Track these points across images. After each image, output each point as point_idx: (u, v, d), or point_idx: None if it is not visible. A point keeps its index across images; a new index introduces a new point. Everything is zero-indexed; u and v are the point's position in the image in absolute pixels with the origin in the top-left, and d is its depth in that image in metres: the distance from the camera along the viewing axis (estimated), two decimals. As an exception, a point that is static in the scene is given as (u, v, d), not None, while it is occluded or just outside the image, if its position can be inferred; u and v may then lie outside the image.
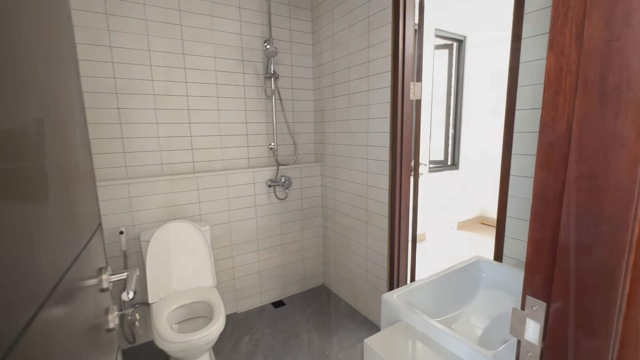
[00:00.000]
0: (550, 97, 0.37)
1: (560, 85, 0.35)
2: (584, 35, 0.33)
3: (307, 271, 2.57)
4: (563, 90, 0.35)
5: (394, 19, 1.67)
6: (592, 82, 0.32)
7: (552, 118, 0.36)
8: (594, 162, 0.33)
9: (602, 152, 0.32)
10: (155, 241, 1.67)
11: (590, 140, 0.33)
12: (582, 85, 0.33)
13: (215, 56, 2.01)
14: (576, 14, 0.33)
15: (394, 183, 1.81)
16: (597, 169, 0.33)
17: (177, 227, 1.74)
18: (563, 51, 0.35)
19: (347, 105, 2.10)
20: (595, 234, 0.33)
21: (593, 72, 0.32)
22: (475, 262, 1.16)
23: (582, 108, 0.33)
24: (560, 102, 0.36)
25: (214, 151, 2.08)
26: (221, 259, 2.14)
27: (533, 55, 1.13)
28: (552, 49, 0.36)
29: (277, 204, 2.33)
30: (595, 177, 0.33)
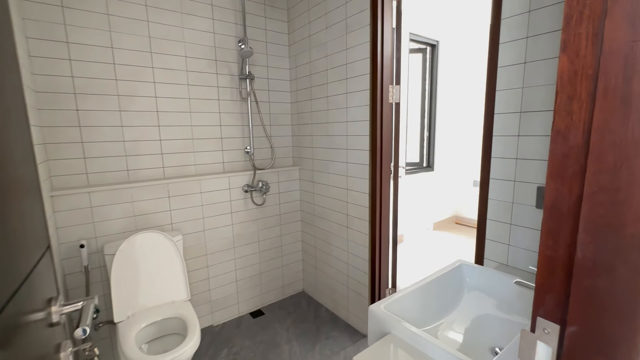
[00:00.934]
0: (564, 103, 0.34)
1: (574, 90, 0.32)
2: (603, 35, 0.30)
3: (287, 278, 2.50)
4: (578, 95, 0.32)
5: (372, 21, 1.66)
6: (613, 87, 0.30)
7: (566, 125, 0.33)
8: (615, 175, 0.30)
9: (625, 163, 0.29)
10: (121, 254, 1.54)
11: (611, 150, 0.30)
12: (601, 90, 0.30)
13: (187, 55, 1.90)
14: (594, 12, 0.30)
15: (374, 187, 1.79)
16: (620, 182, 0.30)
17: (145, 237, 1.61)
18: (578, 53, 0.32)
19: (326, 107, 2.06)
20: (618, 252, 0.30)
21: (615, 76, 0.29)
22: (458, 267, 1.16)
23: (602, 115, 0.30)
24: (575, 108, 0.33)
25: (186, 155, 1.96)
26: (195, 270, 2.02)
27: (510, 60, 1.14)
28: (566, 51, 0.33)
29: (255, 209, 2.25)
30: (618, 190, 0.30)
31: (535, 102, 1.09)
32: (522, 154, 1.14)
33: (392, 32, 1.71)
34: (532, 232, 1.15)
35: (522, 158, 1.15)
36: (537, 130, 1.10)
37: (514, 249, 1.21)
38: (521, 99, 1.13)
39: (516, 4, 1.11)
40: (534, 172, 1.12)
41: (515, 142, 1.16)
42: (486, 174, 1.27)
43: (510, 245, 1.22)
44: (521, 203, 1.17)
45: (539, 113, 1.09)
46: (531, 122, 1.11)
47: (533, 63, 1.08)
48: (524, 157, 1.14)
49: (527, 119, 1.12)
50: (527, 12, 1.08)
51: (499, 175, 1.22)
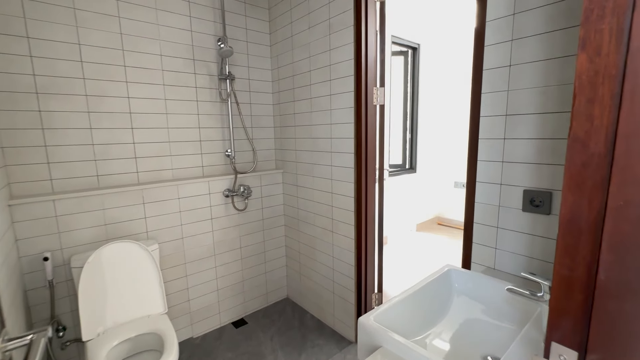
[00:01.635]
0: (583, 106, 0.30)
1: (595, 92, 0.29)
2: (631, 31, 0.27)
3: (270, 284, 2.42)
4: (600, 98, 0.29)
5: (356, 21, 1.63)
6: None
7: (585, 131, 0.30)
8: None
9: (657, 175, 0.26)
10: (90, 267, 1.42)
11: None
12: (628, 92, 0.27)
13: (162, 54, 1.80)
14: (618, 5, 0.27)
15: (359, 190, 1.76)
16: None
17: (117, 248, 1.50)
18: (600, 51, 0.29)
19: (309, 109, 2.01)
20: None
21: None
22: (447, 272, 1.14)
23: (630, 121, 0.27)
24: (596, 112, 0.29)
25: (163, 159, 1.86)
26: (173, 280, 1.91)
27: (495, 63, 1.13)
28: (585, 48, 0.30)
29: (236, 215, 2.16)
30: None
31: (520, 105, 1.09)
32: (508, 157, 1.14)
33: (376, 34, 1.68)
34: (519, 236, 1.14)
35: (508, 161, 1.14)
36: (523, 133, 1.09)
37: (500, 253, 1.20)
38: (507, 102, 1.12)
39: (501, 7, 1.10)
40: (520, 175, 1.12)
41: (501, 145, 1.15)
42: (472, 177, 1.26)
43: (497, 249, 1.21)
44: (508, 206, 1.16)
45: (525, 116, 1.08)
46: (517, 125, 1.11)
47: (518, 66, 1.08)
48: (510, 160, 1.14)
49: (512, 122, 1.12)
50: (512, 15, 1.08)
51: (485, 178, 1.21)
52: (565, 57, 0.98)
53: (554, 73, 1.00)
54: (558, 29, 0.99)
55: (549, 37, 1.01)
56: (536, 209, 1.08)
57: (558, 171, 1.02)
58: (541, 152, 1.06)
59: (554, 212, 1.05)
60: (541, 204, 1.07)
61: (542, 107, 1.04)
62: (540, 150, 1.06)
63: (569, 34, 0.96)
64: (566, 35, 0.97)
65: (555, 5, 0.99)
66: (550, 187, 1.05)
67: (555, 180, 1.03)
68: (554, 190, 1.04)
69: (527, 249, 1.13)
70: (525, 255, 1.14)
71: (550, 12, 1.00)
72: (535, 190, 1.08)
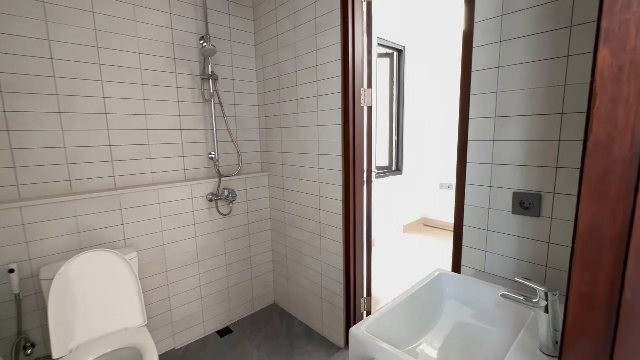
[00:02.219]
0: (604, 106, 0.27)
1: (619, 91, 0.26)
2: (663, 21, 0.24)
3: (257, 290, 2.35)
4: (625, 97, 0.26)
5: (343, 21, 1.60)
6: (676, 87, 0.23)
7: (607, 134, 0.27)
8: (679, 197, 0.24)
9: (694, 183, 0.23)
10: (61, 278, 1.32)
11: (673, 166, 0.24)
12: (660, 91, 0.24)
13: (140, 52, 1.72)
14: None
15: (347, 193, 1.73)
16: (686, 206, 0.23)
17: (91, 257, 1.41)
18: (625, 44, 0.26)
19: (295, 111, 1.96)
20: (684, 295, 0.24)
21: (680, 73, 0.23)
22: (438, 276, 1.11)
23: (661, 122, 0.24)
24: (620, 112, 0.26)
25: (142, 162, 1.77)
26: (153, 289, 1.82)
27: (484, 64, 1.12)
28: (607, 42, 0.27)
29: (220, 219, 2.09)
30: (683, 217, 0.24)
31: (509, 107, 1.08)
32: (498, 159, 1.13)
33: (362, 34, 1.66)
34: (509, 238, 1.13)
35: (498, 163, 1.13)
36: (512, 135, 1.09)
37: (490, 255, 1.19)
38: (495, 103, 1.11)
39: (489, 8, 1.09)
40: (509, 178, 1.11)
41: (490, 147, 1.14)
42: (462, 179, 1.24)
43: (487, 252, 1.20)
44: (497, 209, 1.15)
45: (514, 118, 1.08)
46: (506, 127, 1.10)
47: (507, 67, 1.07)
48: (499, 162, 1.13)
49: (501, 124, 1.11)
50: (500, 16, 1.07)
51: (475, 180, 1.20)
52: (554, 59, 0.97)
53: (542, 75, 1.00)
54: (546, 30, 0.98)
55: (537, 39, 1.00)
56: (526, 211, 1.08)
57: (547, 173, 1.02)
58: (530, 154, 1.05)
59: (543, 215, 1.04)
60: (530, 206, 1.06)
61: (531, 109, 1.04)
62: (529, 152, 1.05)
63: (557, 36, 0.96)
64: (554, 37, 0.97)
65: (543, 7, 0.98)
66: (540, 189, 1.04)
67: (545, 183, 1.03)
68: (543, 192, 1.03)
69: (517, 251, 1.12)
70: (515, 258, 1.13)
71: (538, 14, 1.00)
72: (525, 193, 1.07)
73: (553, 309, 0.69)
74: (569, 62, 0.95)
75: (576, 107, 0.95)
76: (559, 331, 0.71)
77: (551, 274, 1.05)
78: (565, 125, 0.97)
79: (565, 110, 0.97)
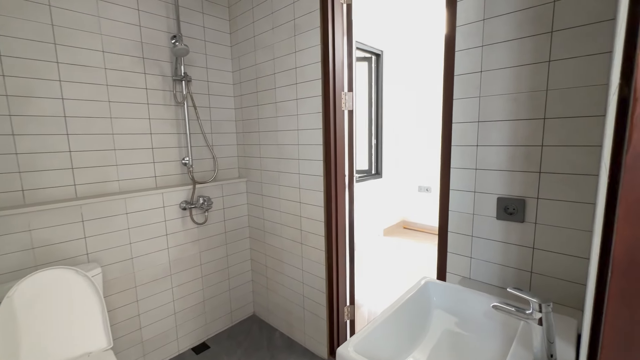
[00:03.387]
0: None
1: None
2: None
3: (235, 302, 2.24)
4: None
5: (323, 23, 1.55)
6: None
7: (652, 146, 0.23)
8: None
9: None
10: (12, 301, 1.17)
11: None
12: None
13: (105, 50, 1.59)
14: None
15: (329, 199, 1.67)
16: None
17: (47, 276, 1.26)
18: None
19: (274, 114, 1.89)
20: None
21: None
22: (425, 286, 1.08)
23: None
24: (667, 121, 0.22)
25: (107, 170, 1.63)
26: (121, 307, 1.68)
27: (466, 69, 1.11)
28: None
29: (195, 229, 1.97)
30: None
31: (492, 112, 1.07)
32: (482, 164, 1.12)
33: (343, 36, 1.62)
34: (494, 244, 1.12)
35: (482, 168, 1.12)
36: (496, 140, 1.08)
37: (476, 262, 1.18)
38: (479, 108, 1.10)
39: (471, 12, 1.08)
40: (493, 183, 1.10)
41: (474, 152, 1.13)
42: (446, 185, 1.22)
43: (473, 258, 1.18)
44: (482, 214, 1.14)
45: (497, 123, 1.07)
46: (490, 132, 1.09)
47: (489, 72, 1.07)
48: (483, 168, 1.12)
49: (485, 129, 1.10)
50: (482, 21, 1.06)
51: (459, 186, 1.19)
52: (535, 65, 0.97)
53: (524, 80, 1.00)
54: (527, 35, 0.98)
55: (518, 44, 1.00)
56: (510, 217, 1.07)
57: (531, 178, 1.01)
58: (514, 159, 1.04)
59: (527, 220, 1.03)
60: (515, 211, 1.05)
61: (514, 114, 1.03)
62: (513, 157, 1.05)
63: (538, 41, 0.96)
64: (535, 42, 0.97)
65: (524, 12, 0.98)
66: (524, 194, 1.03)
67: (529, 188, 1.02)
68: (527, 198, 1.03)
69: (502, 257, 1.11)
70: (500, 264, 1.12)
71: (518, 19, 0.99)
72: (509, 198, 1.06)
73: (547, 321, 0.67)
74: (550, 67, 0.95)
75: (558, 112, 0.95)
76: (553, 343, 0.68)
77: (537, 280, 1.04)
78: (548, 130, 0.97)
79: (548, 116, 0.97)
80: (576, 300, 0.98)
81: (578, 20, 0.89)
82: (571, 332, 0.82)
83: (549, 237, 1.00)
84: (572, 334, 0.81)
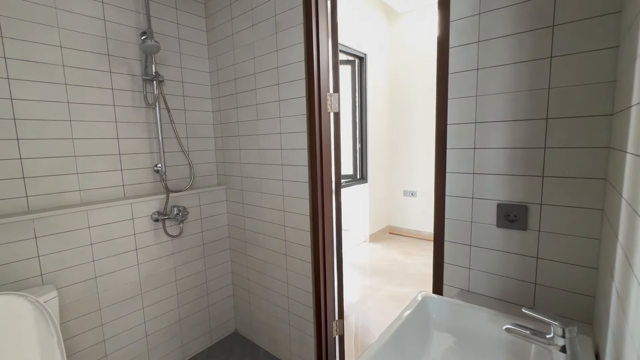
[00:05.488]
0: None
1: None
2: None
3: (215, 319, 2.08)
4: None
5: (306, 19, 1.46)
6: None
7: None
8: None
9: None
10: (-60, 338, 0.99)
11: None
12: None
13: (63, 45, 1.42)
14: None
15: (315, 208, 1.56)
16: None
17: (-12, 305, 1.08)
18: None
19: (255, 117, 1.77)
20: None
21: None
22: (422, 302, 0.98)
23: None
24: None
25: (66, 179, 1.46)
26: (83, 333, 1.49)
27: (461, 66, 1.04)
28: None
29: (169, 242, 1.81)
30: None
31: (490, 112, 1.00)
32: (480, 168, 1.04)
33: (327, 33, 1.53)
34: (494, 254, 1.04)
35: (480, 173, 1.04)
36: (494, 142, 1.00)
37: (475, 273, 1.09)
38: (475, 108, 1.03)
39: (465, 6, 1.01)
40: (493, 188, 1.02)
41: (471, 156, 1.05)
42: (441, 191, 1.14)
43: (471, 269, 1.10)
44: (481, 222, 1.06)
45: (495, 123, 0.99)
46: (487, 134, 1.01)
47: (486, 70, 0.99)
48: (481, 172, 1.04)
49: (482, 130, 1.02)
50: (477, 15, 0.99)
51: (455, 191, 1.10)
52: (536, 61, 0.91)
53: (525, 77, 0.93)
54: (526, 30, 0.92)
55: (517, 39, 0.93)
56: (511, 224, 0.99)
57: (534, 183, 0.94)
58: (515, 162, 0.97)
59: (530, 228, 0.96)
60: (516, 218, 0.98)
61: (513, 114, 0.96)
62: (513, 160, 0.97)
63: (538, 36, 0.90)
64: (535, 37, 0.90)
65: (523, 5, 0.92)
66: (525, 200, 0.96)
67: (531, 193, 0.95)
68: (529, 204, 0.96)
69: (503, 268, 1.03)
70: (501, 275, 1.04)
71: (516, 13, 0.93)
72: (510, 204, 0.99)
73: (572, 348, 0.58)
74: (553, 64, 0.88)
75: (561, 111, 0.88)
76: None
77: (541, 292, 0.97)
78: (551, 131, 0.90)
79: (551, 116, 0.90)
80: (585, 314, 0.90)
81: (581, 14, 0.83)
82: (587, 351, 0.74)
83: (554, 246, 0.93)
84: (588, 354, 0.73)
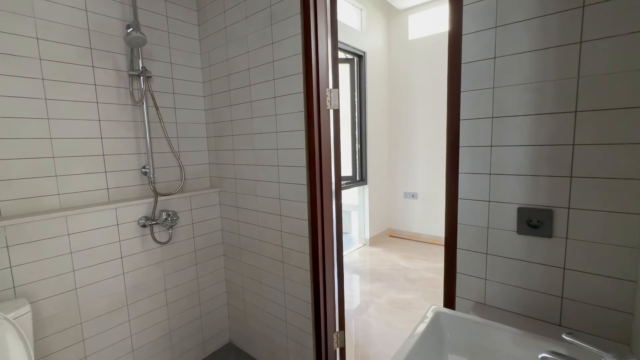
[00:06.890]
0: None
1: None
2: None
3: (208, 330, 1.96)
4: None
5: (304, 9, 1.35)
6: None
7: None
8: None
9: None
10: None
11: None
12: None
13: (39, 37, 1.31)
14: None
15: (314, 212, 1.45)
16: None
17: (-53, 324, 0.96)
18: None
19: (250, 115, 1.66)
20: None
21: None
22: (435, 318, 0.88)
23: None
24: None
25: (43, 182, 1.34)
26: (62, 350, 1.37)
27: (476, 55, 0.94)
28: None
29: (158, 249, 1.69)
30: None
31: (510, 105, 0.90)
32: (497, 168, 0.94)
33: (326, 24, 1.42)
34: (513, 264, 0.94)
35: (497, 173, 0.94)
36: (514, 139, 0.90)
37: (491, 284, 0.99)
38: (492, 101, 0.93)
39: (481, -13, 0.91)
40: (512, 190, 0.92)
41: (487, 154, 0.95)
42: (453, 193, 1.03)
43: (488, 280, 0.99)
44: (499, 228, 0.95)
45: (515, 118, 0.89)
46: (506, 130, 0.91)
47: (505, 58, 0.89)
48: (499, 172, 0.93)
49: (500, 126, 0.92)
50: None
51: (469, 194, 1.00)
52: (563, 47, 0.80)
53: (550, 66, 0.83)
54: (552, 12, 0.81)
55: (541, 23, 0.83)
56: (534, 231, 0.89)
57: (560, 184, 0.84)
58: (538, 161, 0.87)
59: (556, 235, 0.86)
60: (540, 224, 0.87)
61: (537, 107, 0.85)
62: (536, 159, 0.87)
63: (566, 18, 0.79)
64: (562, 20, 0.80)
65: (547, -15, 0.81)
66: (551, 203, 0.86)
67: (557, 196, 0.84)
68: (555, 208, 0.85)
69: (525, 279, 0.92)
70: (522, 287, 0.93)
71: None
72: (533, 208, 0.88)
73: (631, 387, 0.47)
74: (582, 49, 0.78)
75: (592, 104, 0.78)
76: (637, 417, 0.49)
77: (569, 307, 0.86)
78: (580, 126, 0.80)
79: (580, 108, 0.80)
80: (619, 332, 0.80)
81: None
82: (633, 382, 0.63)
83: (584, 255, 0.82)
84: (634, 385, 0.62)
